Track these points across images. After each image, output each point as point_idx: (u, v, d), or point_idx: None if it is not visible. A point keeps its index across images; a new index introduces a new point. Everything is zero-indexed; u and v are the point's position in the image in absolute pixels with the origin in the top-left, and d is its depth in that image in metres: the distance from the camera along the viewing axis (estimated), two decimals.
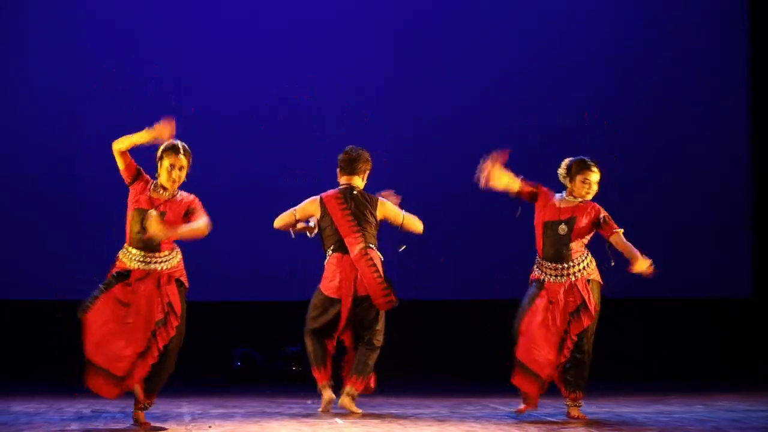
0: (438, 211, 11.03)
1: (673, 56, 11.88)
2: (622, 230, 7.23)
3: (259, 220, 8.42)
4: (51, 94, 11.33)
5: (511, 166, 7.30)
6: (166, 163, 6.70)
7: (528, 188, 7.35)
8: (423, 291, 11.18)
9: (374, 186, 7.94)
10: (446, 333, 11.46)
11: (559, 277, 7.25)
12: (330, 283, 7.69)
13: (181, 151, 6.70)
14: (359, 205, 7.76)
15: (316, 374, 7.71)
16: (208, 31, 11.56)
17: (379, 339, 7.75)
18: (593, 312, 7.19)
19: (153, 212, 6.64)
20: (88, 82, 11.38)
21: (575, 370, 7.20)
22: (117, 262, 6.70)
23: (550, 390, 7.34)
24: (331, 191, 7.81)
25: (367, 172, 7.91)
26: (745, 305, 11.85)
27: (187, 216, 6.74)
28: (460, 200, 11.20)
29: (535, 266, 7.37)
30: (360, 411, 7.58)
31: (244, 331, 11.35)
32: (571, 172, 7.32)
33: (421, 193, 11.05)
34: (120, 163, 6.69)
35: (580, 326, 7.16)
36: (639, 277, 7.13)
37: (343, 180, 7.87)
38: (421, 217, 7.86)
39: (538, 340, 7.14)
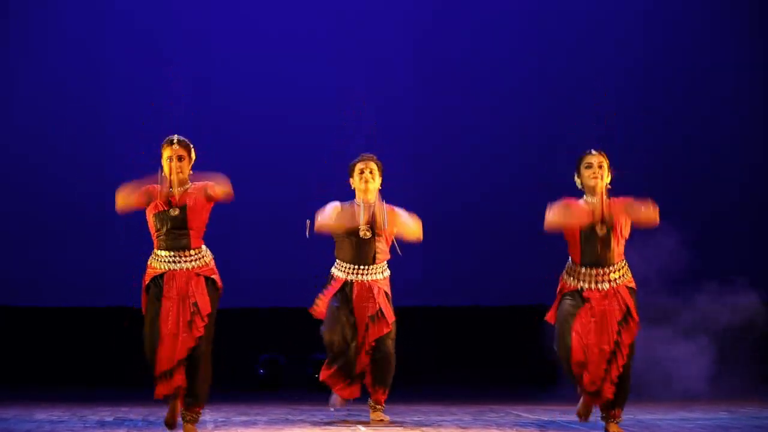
0: (461, 215, 11.03)
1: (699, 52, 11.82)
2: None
3: (286, 224, 8.41)
4: (76, 98, 11.37)
5: (540, 166, 7.20)
6: (164, 156, 6.63)
7: None
8: (447, 297, 11.16)
9: (398, 191, 7.91)
10: (470, 339, 11.42)
11: (599, 284, 6.77)
12: None
13: (175, 141, 6.61)
14: None
15: None
16: (229, 32, 11.57)
17: None
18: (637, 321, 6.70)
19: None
20: (115, 85, 11.41)
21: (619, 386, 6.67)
22: (148, 269, 6.63)
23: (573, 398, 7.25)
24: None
25: None
26: None
27: (211, 197, 6.66)
28: (485, 204, 11.16)
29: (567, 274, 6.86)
30: None
31: (273, 337, 11.35)
32: (576, 169, 6.88)
33: (443, 197, 11.08)
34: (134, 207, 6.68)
35: (630, 336, 6.64)
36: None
37: None
38: (443, 221, 7.85)
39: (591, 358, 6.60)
